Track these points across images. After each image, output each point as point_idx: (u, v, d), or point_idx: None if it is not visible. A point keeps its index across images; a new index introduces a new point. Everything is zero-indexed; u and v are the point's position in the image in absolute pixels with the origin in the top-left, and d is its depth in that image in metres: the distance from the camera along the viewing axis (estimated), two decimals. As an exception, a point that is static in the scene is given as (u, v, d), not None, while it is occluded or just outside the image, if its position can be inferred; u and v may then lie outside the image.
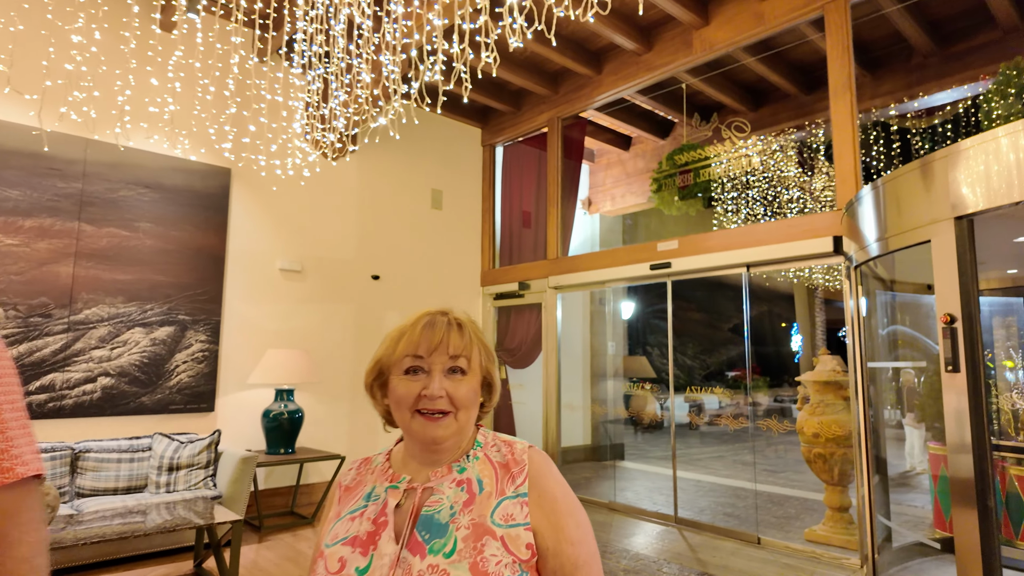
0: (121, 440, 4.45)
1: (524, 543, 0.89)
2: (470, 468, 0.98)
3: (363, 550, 0.91)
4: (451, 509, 0.92)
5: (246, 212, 5.42)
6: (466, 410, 0.98)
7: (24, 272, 4.37)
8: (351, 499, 1.01)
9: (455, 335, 1.00)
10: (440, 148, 6.95)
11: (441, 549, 0.88)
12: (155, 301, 4.91)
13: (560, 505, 0.95)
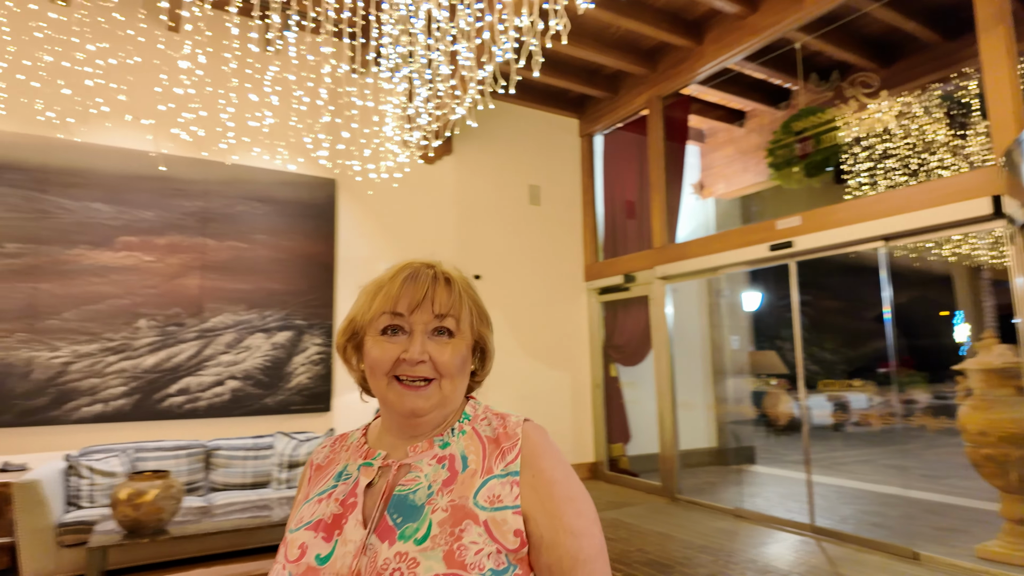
0: (247, 439, 4.74)
1: (512, 529, 0.75)
2: (454, 443, 0.84)
3: (327, 535, 0.79)
4: (428, 489, 0.79)
5: (351, 219, 5.61)
6: (451, 378, 0.83)
7: (159, 285, 4.80)
8: (321, 479, 0.88)
9: (442, 290, 0.84)
10: (537, 142, 6.82)
11: (413, 535, 0.74)
12: (273, 308, 5.21)
13: (559, 488, 0.79)
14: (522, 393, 6.31)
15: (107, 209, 4.66)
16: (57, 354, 4.41)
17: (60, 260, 4.48)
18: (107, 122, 4.54)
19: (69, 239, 4.52)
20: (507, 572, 0.74)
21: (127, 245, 4.72)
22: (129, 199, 4.73)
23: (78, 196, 4.57)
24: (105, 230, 4.64)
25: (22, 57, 4.24)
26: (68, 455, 4.06)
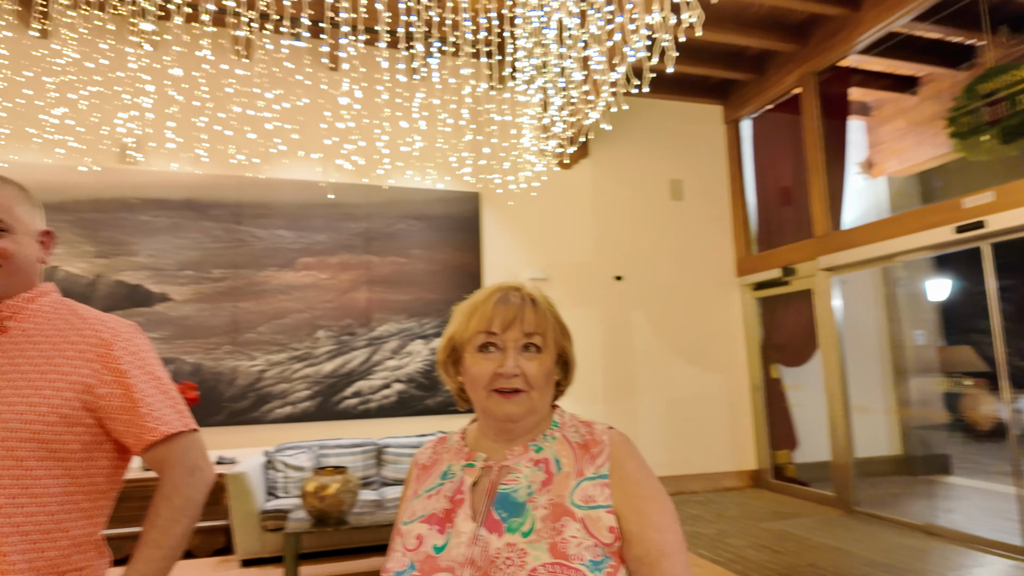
0: (412, 437, 5.11)
1: (606, 526, 0.86)
2: (547, 448, 0.95)
3: (440, 528, 0.90)
4: (528, 488, 0.90)
5: (495, 229, 5.84)
6: (540, 389, 0.95)
7: (333, 300, 5.36)
8: (427, 477, 1.00)
9: (529, 311, 0.96)
10: (676, 135, 6.60)
11: (519, 528, 0.86)
12: (429, 316, 5.58)
13: (644, 489, 0.90)
14: (672, 397, 6.13)
15: (289, 235, 5.30)
16: (255, 363, 5.10)
17: (254, 282, 5.18)
18: (284, 159, 5.18)
19: (260, 263, 5.21)
20: (603, 563, 0.83)
21: (306, 265, 5.33)
22: (306, 225, 5.34)
23: (266, 225, 5.25)
24: (288, 253, 5.29)
25: (218, 110, 4.98)
26: (266, 451, 4.67)
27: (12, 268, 1.09)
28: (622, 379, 6.02)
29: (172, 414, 1.13)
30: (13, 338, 1.08)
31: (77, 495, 1.06)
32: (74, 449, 1.06)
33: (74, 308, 1.16)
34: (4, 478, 0.99)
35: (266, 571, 4.01)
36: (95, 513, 1.10)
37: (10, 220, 1.10)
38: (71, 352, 1.08)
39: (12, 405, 1.02)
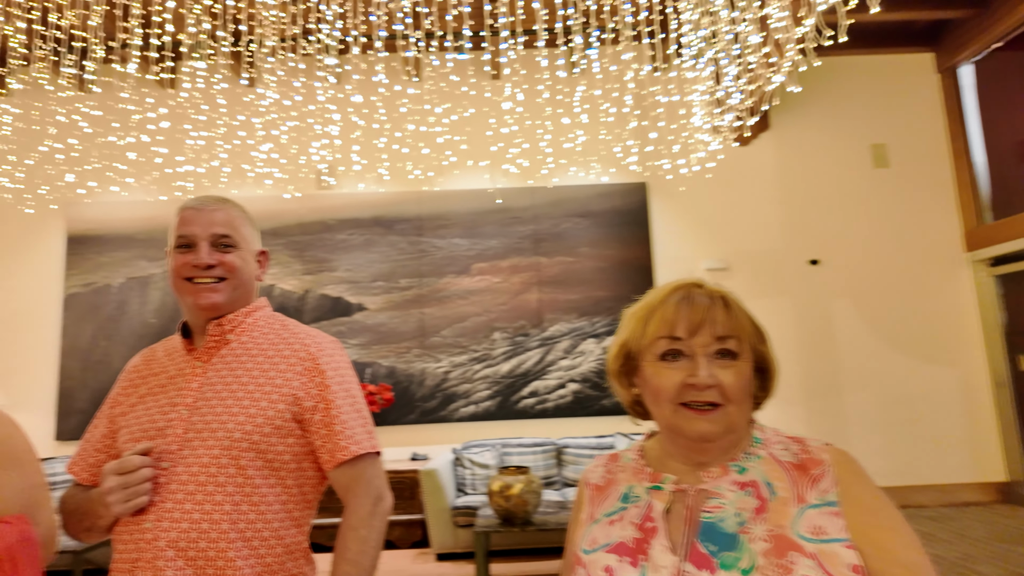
0: (590, 438, 5.02)
1: (847, 564, 0.70)
2: (753, 469, 0.81)
3: (632, 559, 0.78)
4: (738, 517, 0.76)
5: (665, 220, 5.54)
6: (739, 403, 0.80)
7: (507, 302, 5.47)
8: (604, 499, 0.88)
9: (720, 311, 0.82)
10: (876, 93, 5.73)
11: (735, 564, 0.72)
12: (600, 314, 5.46)
13: (882, 518, 0.74)
14: (888, 396, 5.31)
15: (464, 243, 5.51)
16: (440, 364, 5.37)
17: (436, 289, 5.46)
18: (456, 170, 5.40)
19: (440, 271, 5.49)
20: None
21: (480, 271, 5.50)
22: (479, 232, 5.52)
23: (444, 235, 5.52)
24: (464, 260, 5.50)
25: (394, 130, 5.33)
26: (454, 448, 4.87)
27: (237, 282, 1.16)
28: (823, 376, 5.36)
29: (363, 434, 1.14)
30: (234, 350, 1.14)
31: (289, 503, 1.10)
32: (286, 459, 1.10)
33: (284, 322, 1.22)
34: (229, 486, 1.04)
35: (460, 566, 4.16)
36: (303, 522, 1.14)
37: (237, 237, 1.18)
38: (283, 365, 1.13)
39: (234, 415, 1.07)
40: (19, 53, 4.50)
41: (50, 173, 5.09)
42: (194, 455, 1.05)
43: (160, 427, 1.09)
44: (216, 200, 1.21)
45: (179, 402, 1.10)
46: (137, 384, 1.18)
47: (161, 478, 1.04)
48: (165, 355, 1.21)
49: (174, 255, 1.17)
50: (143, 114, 5.09)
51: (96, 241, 5.29)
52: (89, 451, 1.18)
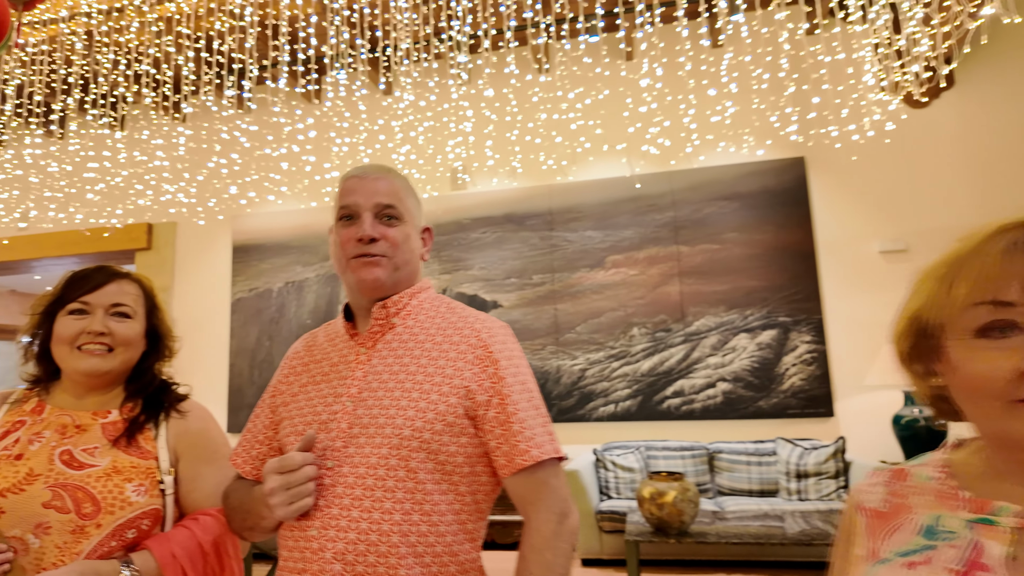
0: (747, 443, 4.58)
1: None
2: None
3: None
4: None
5: (827, 197, 4.93)
6: None
7: (644, 296, 5.16)
8: (890, 531, 0.63)
9: None
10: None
11: None
12: (753, 307, 4.97)
13: None
14: None
15: (597, 235, 5.29)
16: (575, 362, 5.18)
17: (569, 284, 5.29)
18: (590, 156, 5.18)
19: (573, 265, 5.30)
20: None
21: (615, 263, 5.24)
22: (612, 223, 5.26)
23: (576, 228, 5.33)
24: (597, 253, 5.27)
25: (527, 121, 5.22)
26: (594, 449, 4.66)
27: (401, 259, 1.04)
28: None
29: (544, 436, 0.96)
30: (400, 336, 1.02)
31: (463, 514, 0.96)
32: (459, 462, 0.95)
33: (450, 304, 1.09)
34: (399, 491, 0.91)
35: (606, 574, 3.95)
36: (477, 535, 0.99)
37: (401, 209, 1.05)
38: (453, 353, 0.99)
39: (403, 410, 0.95)
40: (189, 80, 4.97)
41: (217, 187, 5.59)
42: (360, 454, 0.93)
43: (323, 420, 0.98)
44: (379, 168, 1.08)
45: (343, 392, 0.99)
46: (299, 372, 1.10)
47: (326, 479, 0.93)
48: (327, 340, 1.11)
49: (337, 230, 1.06)
50: (293, 126, 5.43)
51: (257, 249, 5.73)
52: (252, 443, 1.12)
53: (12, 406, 1.17)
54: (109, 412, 1.17)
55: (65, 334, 1.13)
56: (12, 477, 1.04)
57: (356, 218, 1.03)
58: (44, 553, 1.00)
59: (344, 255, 1.03)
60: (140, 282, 1.25)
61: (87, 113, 5.70)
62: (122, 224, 5.63)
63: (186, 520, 1.14)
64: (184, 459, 1.18)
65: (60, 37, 4.77)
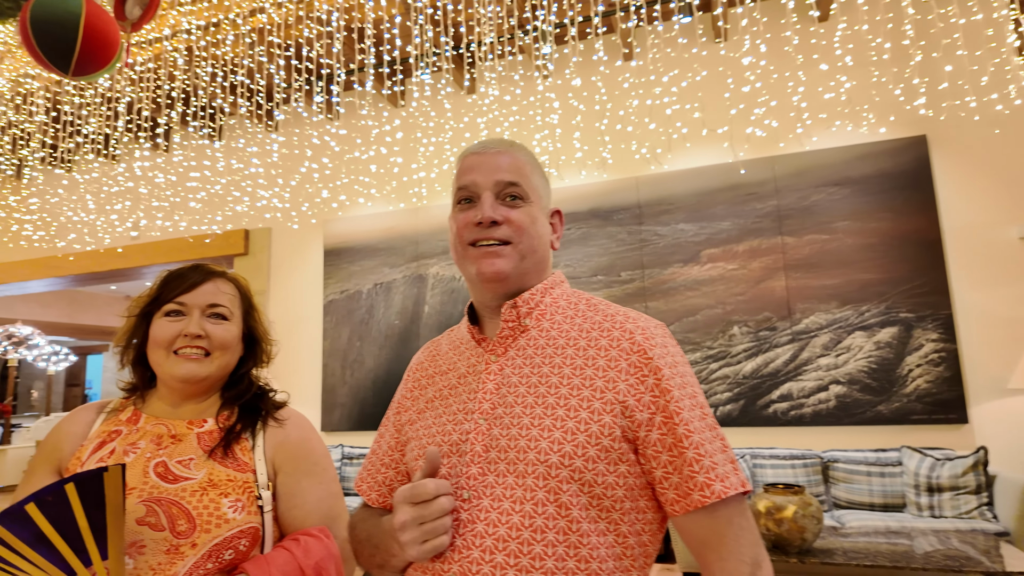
0: (866, 451, 4.18)
1: None
2: None
3: None
4: None
5: (956, 179, 4.42)
6: None
7: (745, 292, 4.82)
8: None
9: None
10: None
11: None
12: (869, 302, 4.54)
13: None
14: None
15: (690, 228, 4.99)
16: (672, 363, 4.91)
17: (660, 280, 5.02)
18: (687, 143, 4.90)
19: (664, 261, 5.03)
20: None
21: (711, 257, 4.93)
22: (707, 214, 4.96)
23: (667, 221, 5.06)
24: (691, 247, 4.98)
25: (617, 109, 4.99)
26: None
27: (527, 247, 0.89)
28: None
29: (727, 465, 0.78)
30: (535, 340, 0.87)
31: (625, 559, 0.78)
32: (619, 496, 0.77)
33: (591, 301, 0.92)
34: (549, 532, 0.75)
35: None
36: None
37: (527, 187, 0.90)
38: (602, 361, 0.82)
39: (548, 431, 0.78)
40: (281, 88, 5.10)
41: (309, 192, 5.72)
42: (502, 484, 0.78)
43: (454, 441, 0.85)
44: (501, 142, 0.94)
45: (474, 408, 0.86)
46: (424, 385, 0.97)
47: (461, 512, 0.79)
48: (451, 348, 0.98)
49: (454, 214, 0.93)
50: (380, 128, 5.47)
51: (347, 252, 5.82)
52: (376, 466, 1.00)
53: (109, 415, 1.13)
54: (205, 421, 1.11)
55: (161, 337, 1.08)
56: None
57: (475, 200, 0.90)
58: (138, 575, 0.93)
59: (461, 242, 0.90)
60: (236, 282, 1.19)
61: (188, 125, 5.99)
62: (221, 230, 5.87)
63: (286, 541, 1.04)
64: (283, 472, 1.10)
65: (164, 54, 5.01)
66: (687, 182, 5.02)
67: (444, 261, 5.50)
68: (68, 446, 1.07)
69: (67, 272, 6.67)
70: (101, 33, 3.13)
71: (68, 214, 6.56)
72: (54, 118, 6.00)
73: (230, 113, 5.83)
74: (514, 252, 0.87)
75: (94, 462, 1.02)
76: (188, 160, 6.10)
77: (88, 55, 3.13)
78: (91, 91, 5.52)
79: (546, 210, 0.95)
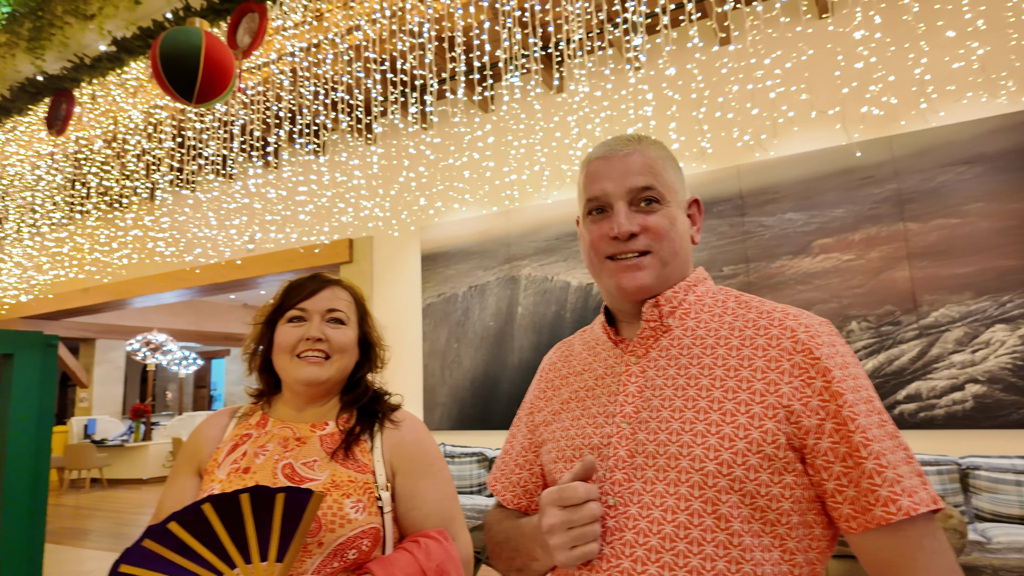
0: (1014, 459, 3.75)
1: None
2: None
3: None
4: None
5: (1120, 148, 3.86)
6: None
7: (863, 284, 4.46)
8: None
9: None
10: None
11: None
12: (1010, 291, 4.07)
13: None
14: None
15: (799, 217, 4.69)
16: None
17: (767, 274, 4.76)
18: (794, 127, 4.61)
19: (771, 253, 4.76)
20: None
21: (823, 248, 4.61)
22: (817, 202, 4.64)
23: (772, 211, 4.79)
24: (800, 237, 4.68)
25: (715, 96, 4.78)
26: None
27: (669, 252, 0.84)
28: None
29: (914, 478, 0.70)
30: (679, 341, 0.83)
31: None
32: (785, 509, 0.71)
33: (740, 298, 0.87)
34: (707, 545, 0.70)
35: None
36: None
37: (662, 188, 0.85)
38: (759, 361, 0.76)
39: (701, 437, 0.74)
40: (378, 101, 5.31)
41: (407, 200, 5.92)
42: (651, 492, 0.75)
43: (595, 445, 0.82)
44: (628, 141, 0.89)
45: (615, 412, 0.82)
46: (557, 386, 0.95)
47: (608, 519, 0.76)
48: (585, 349, 0.95)
49: (585, 225, 0.89)
50: (472, 134, 5.57)
51: (443, 256, 5.97)
52: (510, 466, 1.00)
53: (240, 420, 1.20)
54: (326, 424, 1.15)
55: (286, 342, 1.14)
56: None
57: (607, 209, 0.85)
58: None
59: (597, 256, 0.86)
60: (351, 289, 1.25)
61: (295, 142, 6.37)
62: (328, 240, 6.20)
63: (407, 543, 1.06)
64: (401, 473, 1.12)
65: (271, 77, 5.37)
66: (794, 168, 4.72)
67: (536, 262, 5.51)
68: (206, 449, 1.14)
69: (193, 284, 7.30)
70: (219, 62, 3.39)
71: (193, 230, 7.18)
72: (179, 143, 6.59)
73: (332, 129, 6.15)
74: (655, 261, 0.84)
75: (229, 463, 1.09)
76: (296, 175, 6.50)
77: (208, 83, 3.40)
78: (210, 116, 6.01)
79: (683, 204, 0.89)
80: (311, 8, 4.89)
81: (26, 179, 7.54)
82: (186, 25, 3.34)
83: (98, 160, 6.89)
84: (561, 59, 4.88)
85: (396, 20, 4.60)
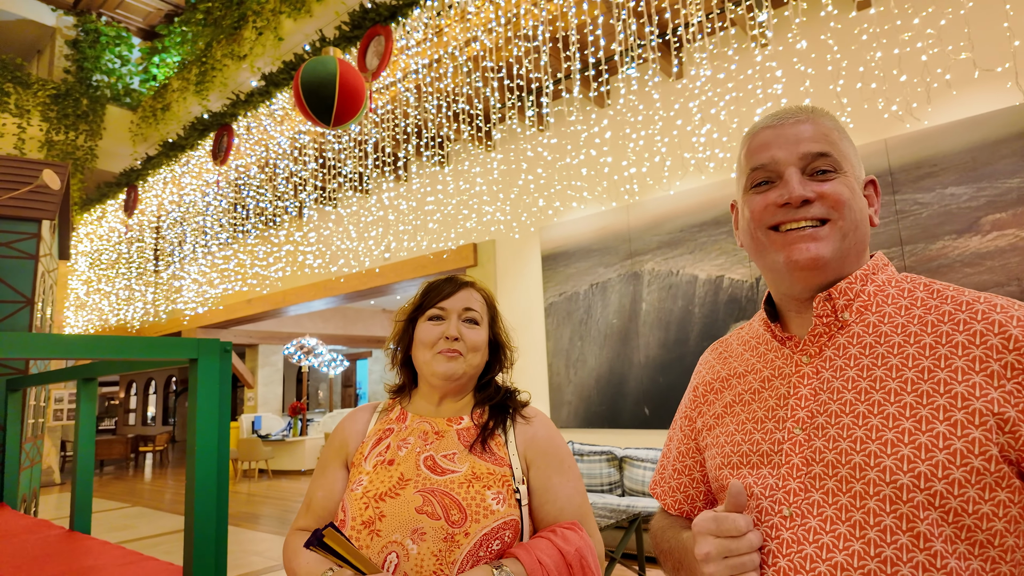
0: None
1: None
2: None
3: None
4: None
5: None
6: None
7: (1053, 262, 3.86)
8: None
9: None
10: None
11: None
12: None
13: None
14: None
15: (962, 191, 4.16)
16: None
17: (928, 257, 4.27)
18: (953, 90, 4.10)
19: (931, 233, 4.26)
20: None
21: (996, 224, 4.05)
22: (987, 172, 4.09)
23: (930, 187, 4.29)
24: (967, 214, 4.14)
25: (856, 65, 4.36)
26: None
27: (849, 224, 0.75)
28: None
29: None
30: (859, 338, 0.74)
31: None
32: (997, 530, 0.63)
33: (932, 287, 0.75)
34: (903, 565, 0.63)
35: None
36: None
37: (838, 157, 0.77)
38: (960, 362, 0.67)
39: (891, 446, 0.66)
40: (496, 108, 5.45)
41: (527, 202, 6.02)
42: (832, 505, 0.68)
43: (764, 452, 0.76)
44: (800, 109, 0.81)
45: (786, 417, 0.76)
46: (717, 389, 0.89)
47: (784, 530, 0.71)
48: (744, 348, 0.88)
49: (746, 201, 0.81)
50: (589, 131, 5.54)
51: (563, 256, 6.00)
52: (669, 471, 0.98)
53: (381, 415, 1.27)
54: (462, 418, 1.20)
55: (426, 339, 1.20)
56: (388, 482, 1.10)
57: (775, 180, 0.77)
58: (423, 561, 1.01)
59: (760, 227, 0.78)
60: (484, 292, 1.30)
61: (422, 155, 6.72)
62: (455, 246, 6.47)
63: (544, 532, 1.09)
64: (535, 468, 1.15)
65: (398, 95, 5.70)
66: (956, 137, 4.19)
67: (659, 256, 5.35)
68: (353, 443, 1.23)
69: (339, 292, 7.95)
70: (352, 87, 3.67)
71: (337, 243, 7.81)
72: (321, 164, 7.20)
73: (454, 139, 6.40)
74: (834, 232, 0.74)
75: (374, 456, 1.17)
76: (424, 186, 6.85)
77: (344, 107, 3.69)
78: (346, 137, 6.50)
79: (860, 181, 0.80)
80: (431, 25, 5.13)
81: (197, 205, 8.64)
82: (322, 55, 3.64)
83: (254, 184, 7.72)
84: (680, 44, 4.71)
85: (511, 26, 4.70)
